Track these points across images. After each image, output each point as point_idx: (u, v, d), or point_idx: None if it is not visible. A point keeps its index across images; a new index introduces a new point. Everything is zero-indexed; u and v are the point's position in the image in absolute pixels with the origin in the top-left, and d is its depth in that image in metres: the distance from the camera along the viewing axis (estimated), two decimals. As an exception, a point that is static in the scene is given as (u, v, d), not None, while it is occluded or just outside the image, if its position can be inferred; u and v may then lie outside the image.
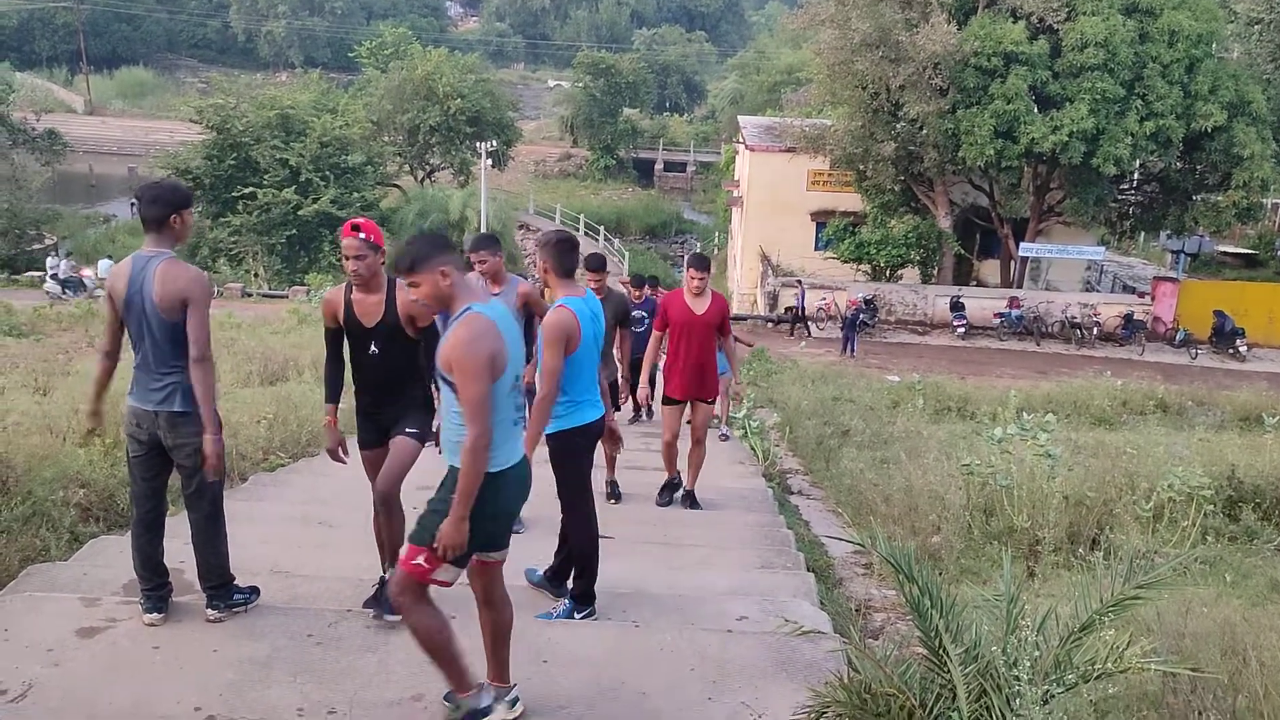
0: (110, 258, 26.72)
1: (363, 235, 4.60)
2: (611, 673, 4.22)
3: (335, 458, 4.99)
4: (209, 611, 4.49)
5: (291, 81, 56.62)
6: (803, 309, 27.17)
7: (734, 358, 9.38)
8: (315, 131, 34.23)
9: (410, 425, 4.80)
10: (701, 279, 7.31)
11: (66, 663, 4.06)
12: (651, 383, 7.70)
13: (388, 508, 4.75)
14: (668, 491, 7.76)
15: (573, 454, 5.02)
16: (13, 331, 16.50)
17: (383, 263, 4.70)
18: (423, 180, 45.78)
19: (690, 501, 7.67)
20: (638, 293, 11.39)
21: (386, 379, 4.77)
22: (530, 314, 6.36)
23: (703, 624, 4.77)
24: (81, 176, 49.56)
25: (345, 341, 4.86)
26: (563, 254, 4.89)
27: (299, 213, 32.59)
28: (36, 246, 33.89)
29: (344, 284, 4.81)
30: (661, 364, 7.86)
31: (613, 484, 7.62)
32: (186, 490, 4.46)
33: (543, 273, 5.01)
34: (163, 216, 4.24)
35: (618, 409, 8.37)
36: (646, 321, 10.75)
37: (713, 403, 7.80)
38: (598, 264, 7.25)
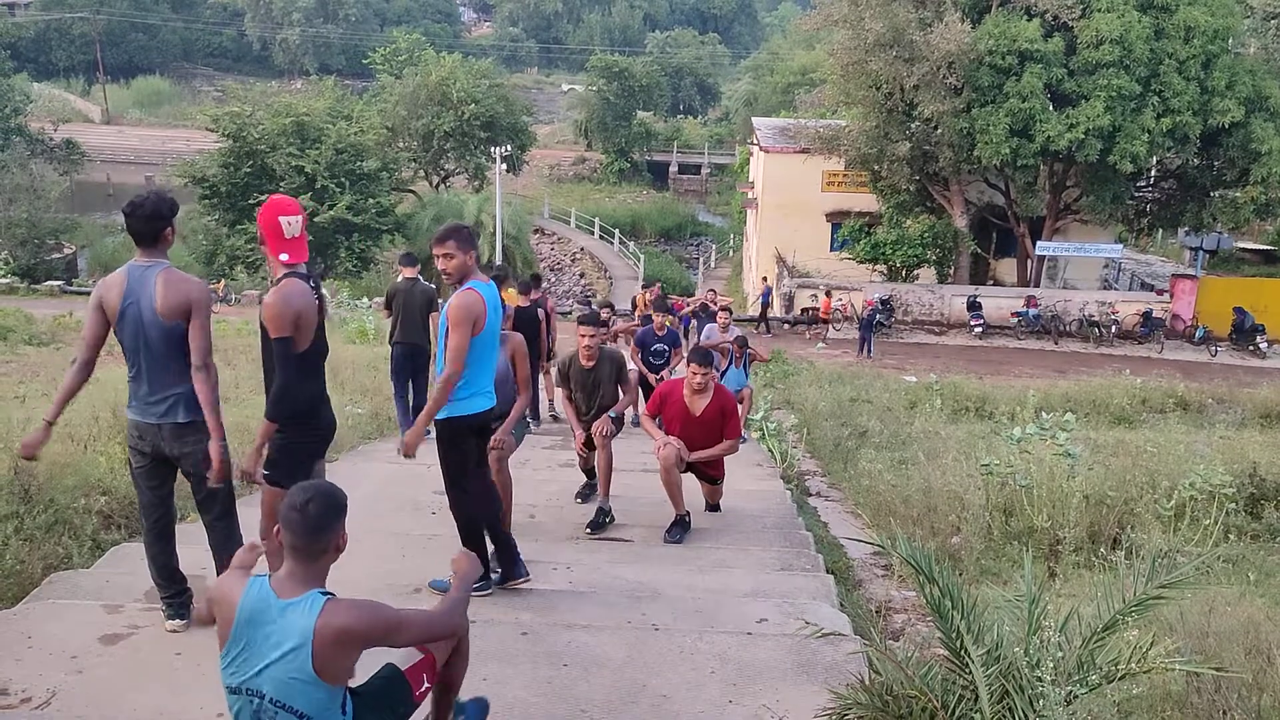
0: (128, 266, 26.78)
1: (256, 218, 4.30)
2: (631, 675, 4.22)
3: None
4: (229, 617, 4.49)
5: (306, 89, 56.86)
6: (765, 309, 28.60)
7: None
8: (330, 138, 34.33)
9: (267, 464, 4.40)
10: (704, 375, 6.56)
11: (89, 670, 4.08)
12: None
13: None
14: (678, 529, 6.64)
15: (456, 442, 4.91)
16: (33, 340, 16.59)
17: (267, 253, 4.36)
18: (438, 185, 45.89)
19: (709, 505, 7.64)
20: (660, 320, 10.67)
21: (268, 382, 4.47)
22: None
23: (723, 626, 4.76)
24: (99, 186, 49.87)
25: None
26: (475, 243, 4.94)
27: (315, 219, 32.60)
28: (55, 256, 34.16)
29: None
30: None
31: (603, 511, 6.76)
32: (198, 496, 4.48)
33: (458, 265, 4.76)
34: (159, 230, 4.25)
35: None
36: (667, 354, 10.43)
37: (719, 482, 7.16)
38: (591, 319, 7.01)
